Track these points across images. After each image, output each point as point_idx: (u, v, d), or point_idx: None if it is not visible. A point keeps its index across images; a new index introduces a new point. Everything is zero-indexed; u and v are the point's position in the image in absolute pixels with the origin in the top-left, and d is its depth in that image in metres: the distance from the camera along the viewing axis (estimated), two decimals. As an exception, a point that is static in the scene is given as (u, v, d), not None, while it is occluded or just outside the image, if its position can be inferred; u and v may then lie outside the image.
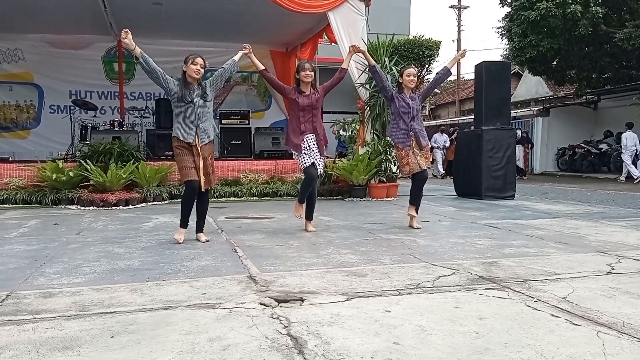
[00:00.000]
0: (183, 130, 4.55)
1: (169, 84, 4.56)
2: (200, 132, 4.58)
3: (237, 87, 13.64)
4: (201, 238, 4.72)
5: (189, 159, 4.56)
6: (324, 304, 2.77)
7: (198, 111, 4.57)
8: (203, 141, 4.61)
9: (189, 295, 2.95)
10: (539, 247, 4.40)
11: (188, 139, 4.55)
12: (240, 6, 9.36)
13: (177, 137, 4.57)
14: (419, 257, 3.99)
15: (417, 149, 5.34)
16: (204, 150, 4.63)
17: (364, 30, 8.93)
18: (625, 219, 6.25)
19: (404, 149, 5.34)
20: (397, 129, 5.38)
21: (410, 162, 5.32)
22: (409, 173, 5.39)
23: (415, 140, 5.34)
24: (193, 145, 4.57)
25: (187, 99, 4.53)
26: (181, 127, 4.56)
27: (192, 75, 4.55)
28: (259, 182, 8.88)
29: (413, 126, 5.33)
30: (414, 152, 5.33)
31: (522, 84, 25.48)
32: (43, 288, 3.11)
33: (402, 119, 5.34)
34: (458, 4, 31.08)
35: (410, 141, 5.33)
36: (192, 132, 4.56)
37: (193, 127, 4.56)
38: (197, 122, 4.57)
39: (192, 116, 4.56)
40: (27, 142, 12.16)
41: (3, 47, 11.85)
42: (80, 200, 7.47)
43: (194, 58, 4.57)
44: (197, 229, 4.79)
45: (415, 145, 5.34)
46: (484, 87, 8.96)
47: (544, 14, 15.04)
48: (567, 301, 2.82)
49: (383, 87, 5.46)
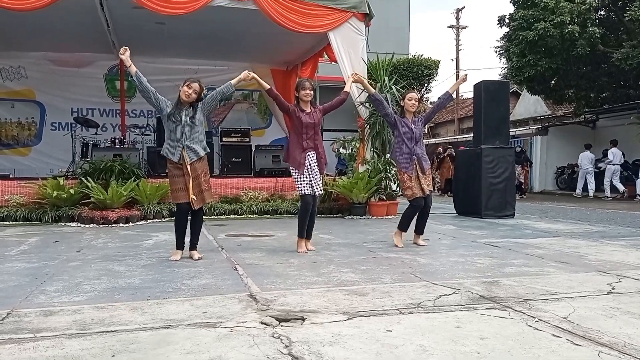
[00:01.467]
0: (170, 149, 4.67)
1: (160, 103, 4.71)
2: (187, 150, 4.65)
3: (238, 105, 13.74)
4: (194, 256, 4.73)
5: (180, 180, 4.66)
6: (325, 323, 2.77)
7: (185, 130, 4.65)
8: (191, 159, 4.66)
9: (189, 314, 2.94)
10: (540, 267, 4.40)
11: (174, 157, 4.65)
12: (242, 26, 9.47)
13: (167, 157, 4.70)
14: (419, 276, 3.99)
15: (420, 172, 5.38)
16: (195, 169, 4.66)
17: (364, 50, 9.03)
18: (625, 238, 6.25)
19: (407, 173, 5.38)
20: (400, 153, 5.42)
21: (412, 187, 5.35)
22: (411, 197, 5.41)
23: (418, 164, 5.39)
24: (181, 163, 4.65)
25: (175, 117, 4.65)
26: (169, 145, 4.69)
27: (182, 97, 4.67)
28: (259, 200, 8.90)
29: (416, 151, 5.39)
30: (417, 176, 5.37)
31: (520, 103, 25.65)
32: (44, 306, 3.10)
33: (406, 143, 5.38)
34: (457, 24, 31.44)
35: (413, 165, 5.38)
36: (178, 150, 4.65)
37: (180, 145, 4.65)
38: (183, 140, 4.65)
39: (179, 134, 4.65)
40: (27, 159, 12.20)
41: (6, 64, 11.97)
42: (81, 217, 7.48)
43: (189, 82, 4.69)
44: (190, 247, 4.81)
45: (419, 168, 5.38)
46: (482, 105, 9.04)
47: (542, 34, 15.22)
48: (568, 321, 2.82)
49: (385, 113, 5.53)
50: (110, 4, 8.24)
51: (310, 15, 8.69)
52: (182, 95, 4.66)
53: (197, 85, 4.69)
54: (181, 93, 4.66)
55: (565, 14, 14.81)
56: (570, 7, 14.95)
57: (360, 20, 9.00)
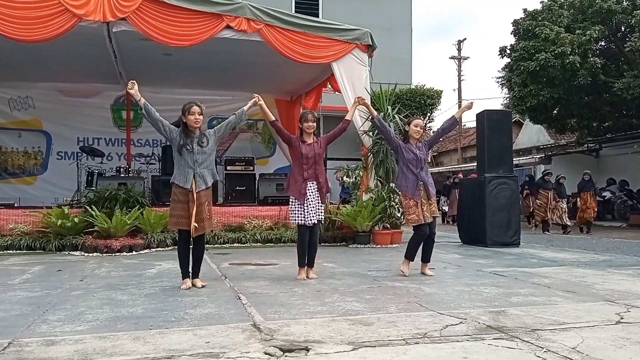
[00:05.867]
0: (181, 176, 4.66)
1: (171, 134, 4.72)
2: (197, 178, 4.67)
3: (242, 134, 13.84)
4: (197, 284, 4.72)
5: (183, 207, 4.64)
6: (330, 353, 2.73)
7: (197, 157, 4.68)
8: (200, 187, 4.67)
9: (192, 343, 2.91)
10: (547, 296, 4.35)
11: (186, 185, 4.64)
12: (247, 57, 9.63)
13: (175, 183, 4.69)
14: (425, 305, 3.95)
15: (424, 199, 5.34)
16: (200, 196, 4.67)
17: (367, 80, 9.15)
18: (632, 267, 6.19)
19: (412, 199, 5.32)
20: (406, 179, 5.39)
21: (417, 213, 5.30)
22: (415, 223, 5.36)
23: (425, 190, 5.36)
24: (190, 191, 4.64)
25: (188, 147, 4.66)
26: (180, 172, 4.68)
27: (192, 125, 4.69)
28: (263, 228, 8.87)
29: (422, 176, 5.37)
30: (422, 202, 5.33)
31: (523, 132, 25.75)
32: (45, 336, 3.08)
33: (411, 169, 5.37)
34: (458, 55, 31.84)
35: (419, 191, 5.34)
36: (189, 178, 4.65)
37: (191, 173, 4.66)
38: (195, 167, 4.66)
39: (191, 162, 4.67)
40: (33, 187, 12.24)
41: (14, 95, 12.13)
42: (84, 246, 7.46)
43: (190, 108, 4.71)
44: (192, 275, 4.78)
45: (424, 195, 5.35)
46: (485, 135, 9.08)
47: (543, 64, 15.38)
48: (577, 351, 2.77)
49: (389, 138, 5.59)
50: (118, 36, 8.39)
51: (314, 46, 8.84)
52: (191, 124, 4.68)
53: (196, 108, 4.72)
54: (188, 122, 4.68)
55: (566, 45, 15.00)
56: (570, 38, 15.15)
57: (363, 51, 9.14)
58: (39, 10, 7.50)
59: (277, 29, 8.54)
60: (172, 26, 8.00)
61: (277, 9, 8.72)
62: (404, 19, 18.01)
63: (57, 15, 7.50)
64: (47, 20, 7.50)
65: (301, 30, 8.72)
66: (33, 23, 7.50)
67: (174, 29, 8.02)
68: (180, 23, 8.05)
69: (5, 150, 12.29)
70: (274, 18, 8.49)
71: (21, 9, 7.46)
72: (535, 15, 16.89)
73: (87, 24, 7.71)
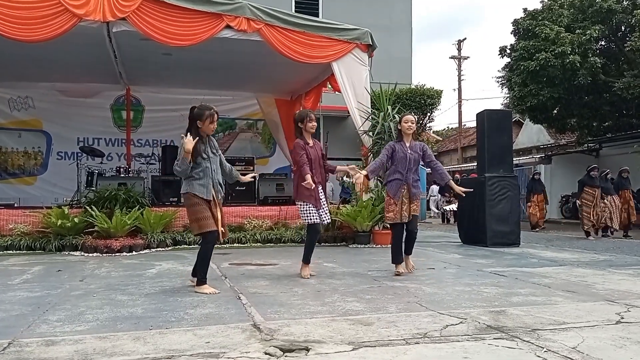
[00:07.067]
0: (202, 187, 4.43)
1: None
2: (216, 186, 4.54)
3: (242, 134, 13.85)
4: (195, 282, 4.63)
5: (205, 208, 4.44)
6: (330, 353, 2.73)
7: (214, 166, 4.54)
8: (218, 196, 4.55)
9: (192, 344, 2.91)
10: (547, 296, 4.34)
11: (207, 195, 4.45)
12: (247, 57, 9.62)
13: (194, 194, 4.42)
14: (425, 305, 3.94)
15: (406, 198, 5.34)
16: (220, 202, 4.59)
17: (367, 80, 9.15)
18: (632, 267, 6.18)
19: (393, 198, 5.35)
20: (392, 178, 5.40)
21: (395, 211, 5.32)
22: (391, 221, 5.40)
23: (407, 190, 5.35)
24: (211, 200, 4.50)
25: (204, 155, 4.45)
26: (199, 184, 4.43)
27: (209, 133, 4.53)
28: (263, 228, 8.87)
29: (408, 177, 5.34)
30: (403, 201, 5.33)
31: (523, 132, 25.75)
32: (45, 336, 3.07)
33: (398, 169, 5.36)
34: (458, 55, 31.84)
35: (401, 192, 5.34)
36: (210, 188, 4.48)
37: (210, 183, 4.49)
38: (213, 177, 4.52)
39: (209, 171, 4.48)
40: (33, 188, 12.26)
41: (14, 95, 12.14)
42: (84, 246, 7.46)
43: (211, 116, 4.46)
44: (193, 273, 4.69)
45: (406, 194, 5.34)
46: (485, 135, 9.08)
47: (543, 64, 15.38)
48: (577, 351, 2.77)
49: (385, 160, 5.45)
50: (118, 36, 8.39)
51: (315, 46, 8.84)
52: (208, 132, 4.50)
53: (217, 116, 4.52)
54: (209, 130, 4.47)
55: (566, 45, 14.99)
56: (570, 38, 15.15)
57: (363, 51, 9.14)
58: (39, 10, 7.50)
59: (277, 29, 8.54)
60: (172, 26, 8.00)
61: (277, 9, 8.72)
62: (404, 19, 18.01)
63: (57, 15, 7.50)
64: (47, 20, 7.50)
65: (301, 30, 8.72)
66: (33, 23, 7.50)
67: (174, 28, 8.02)
68: (180, 23, 8.05)
69: (5, 151, 12.31)
70: (274, 18, 8.49)
71: (21, 9, 7.45)
72: (535, 14, 16.90)
73: (87, 24, 7.71)
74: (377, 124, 8.97)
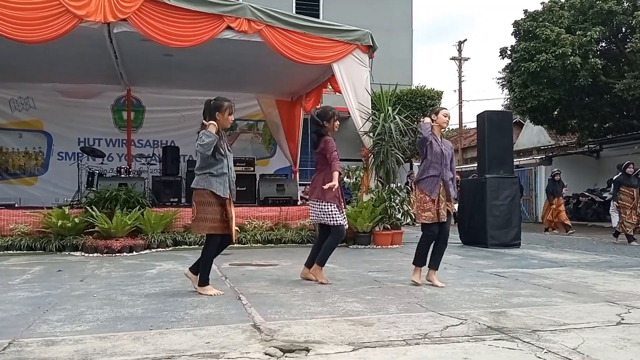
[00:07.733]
0: (219, 185, 4.28)
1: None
2: (232, 184, 4.41)
3: (243, 134, 13.84)
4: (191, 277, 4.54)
5: (215, 209, 4.27)
6: (330, 354, 2.73)
7: (230, 164, 4.42)
8: (233, 193, 4.43)
9: (192, 344, 2.91)
10: (547, 297, 4.34)
11: (225, 193, 4.30)
12: (248, 58, 9.63)
13: (211, 191, 4.26)
14: (425, 306, 3.94)
15: (442, 196, 4.90)
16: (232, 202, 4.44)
17: (368, 81, 9.15)
18: (632, 268, 6.18)
19: (430, 196, 4.86)
20: (427, 175, 4.92)
21: (433, 210, 4.84)
22: (429, 221, 4.85)
23: (444, 187, 4.91)
24: (226, 198, 4.34)
25: (222, 151, 4.30)
26: (218, 180, 4.29)
27: (226, 125, 4.41)
28: (264, 229, 8.87)
29: (444, 174, 4.93)
30: (440, 199, 4.87)
31: (523, 133, 25.74)
32: (46, 336, 3.08)
33: (434, 165, 4.90)
34: (459, 56, 31.83)
35: (438, 189, 4.88)
36: (227, 186, 4.33)
37: (227, 180, 4.34)
38: (230, 174, 4.38)
39: (226, 168, 4.34)
40: (33, 188, 12.26)
41: (15, 95, 12.14)
42: (85, 246, 7.46)
43: (231, 107, 4.36)
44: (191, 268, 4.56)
45: (443, 192, 4.91)
46: (486, 136, 9.08)
47: (543, 65, 15.38)
48: (577, 352, 2.77)
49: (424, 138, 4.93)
50: (119, 36, 8.40)
51: (315, 47, 8.84)
52: (226, 124, 4.38)
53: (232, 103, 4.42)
54: (224, 122, 4.35)
55: (566, 46, 14.99)
56: (571, 39, 15.14)
57: (364, 52, 9.14)
58: (40, 11, 7.50)
59: (278, 30, 8.54)
60: (172, 27, 8.01)
61: (278, 10, 8.72)
62: (404, 20, 18.04)
63: (58, 16, 7.51)
64: (48, 21, 7.50)
65: (302, 31, 8.72)
66: (34, 24, 7.51)
67: (174, 29, 8.02)
68: (181, 24, 8.05)
69: (6, 151, 12.31)
70: (274, 19, 8.50)
71: (22, 9, 7.46)
72: (535, 16, 16.89)
73: (88, 24, 7.71)
74: (377, 124, 8.97)
